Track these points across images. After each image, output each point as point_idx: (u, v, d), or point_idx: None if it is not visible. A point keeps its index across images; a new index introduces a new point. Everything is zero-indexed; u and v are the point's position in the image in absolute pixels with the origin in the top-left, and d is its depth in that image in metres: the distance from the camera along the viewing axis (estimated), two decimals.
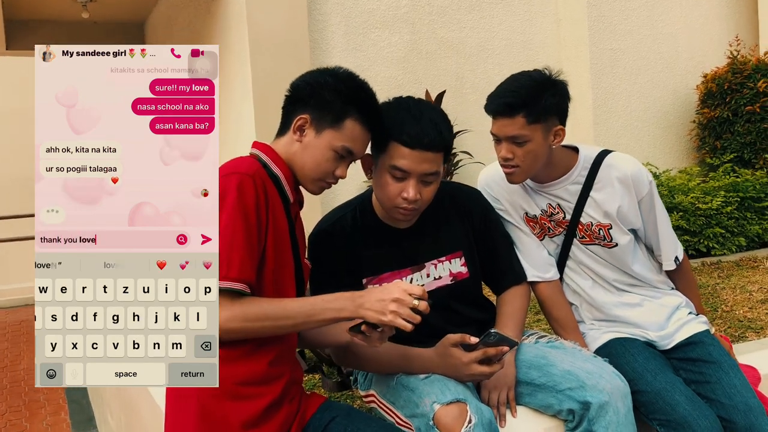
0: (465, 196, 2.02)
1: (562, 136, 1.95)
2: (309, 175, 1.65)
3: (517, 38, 5.28)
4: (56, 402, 5.29)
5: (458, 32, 5.06)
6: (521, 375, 1.87)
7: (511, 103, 1.86)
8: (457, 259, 1.94)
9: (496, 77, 5.12)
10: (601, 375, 1.76)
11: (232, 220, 1.45)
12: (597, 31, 5.31)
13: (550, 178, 2.03)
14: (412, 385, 1.71)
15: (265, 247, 1.54)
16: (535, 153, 1.91)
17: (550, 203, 2.06)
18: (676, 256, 2.10)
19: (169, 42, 6.56)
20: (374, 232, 1.90)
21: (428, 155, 1.72)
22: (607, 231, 2.03)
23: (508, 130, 1.89)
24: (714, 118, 5.42)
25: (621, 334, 2.04)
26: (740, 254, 4.63)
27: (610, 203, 2.01)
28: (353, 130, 1.63)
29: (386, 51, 4.77)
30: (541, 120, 1.88)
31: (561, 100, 1.93)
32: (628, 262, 2.06)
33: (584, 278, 2.10)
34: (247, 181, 1.48)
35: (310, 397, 1.69)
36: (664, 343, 2.02)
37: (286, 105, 1.69)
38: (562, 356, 1.85)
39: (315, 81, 1.64)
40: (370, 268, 1.89)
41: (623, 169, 2.01)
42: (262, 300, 1.50)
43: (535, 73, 1.92)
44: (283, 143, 1.66)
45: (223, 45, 4.83)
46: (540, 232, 2.10)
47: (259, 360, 1.53)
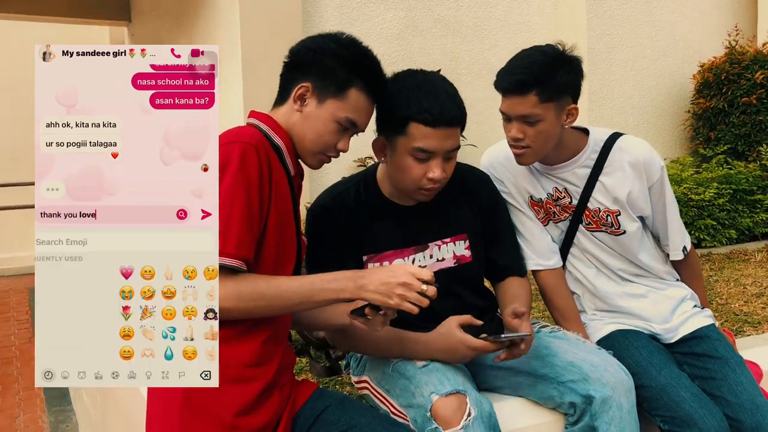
0: (474, 179, 1.93)
1: (575, 115, 1.85)
2: (309, 148, 1.55)
3: (514, 20, 5.18)
4: (30, 376, 5.17)
5: (455, 11, 4.94)
6: (521, 365, 1.79)
7: (524, 81, 1.76)
8: (461, 241, 1.86)
9: (492, 58, 5.10)
10: (605, 368, 1.69)
11: (231, 192, 1.35)
12: (595, 16, 5.22)
13: (558, 160, 1.94)
14: (409, 374, 1.63)
15: (267, 222, 1.44)
16: (547, 133, 1.82)
17: (557, 187, 1.97)
18: (684, 246, 2.02)
19: (155, 9, 6.37)
20: (378, 209, 1.81)
21: (451, 131, 1.65)
22: (615, 217, 1.95)
23: (519, 109, 1.79)
24: (709, 109, 5.37)
25: (624, 325, 1.96)
26: (730, 247, 4.61)
27: (620, 188, 1.92)
28: (358, 100, 1.53)
29: (380, 27, 4.65)
30: (554, 98, 1.78)
31: (575, 77, 1.83)
32: (634, 250, 1.97)
33: (588, 266, 2.02)
34: (250, 151, 1.38)
35: (301, 384, 1.59)
36: (669, 336, 1.95)
37: (284, 72, 1.57)
38: (565, 347, 1.77)
39: (317, 46, 1.53)
40: (372, 245, 1.80)
41: (635, 153, 1.92)
42: (258, 278, 1.40)
43: (549, 48, 1.82)
44: (282, 113, 1.55)
45: (212, 17, 4.68)
46: (544, 217, 2.01)
47: (253, 339, 1.43)
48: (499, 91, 1.83)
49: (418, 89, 1.64)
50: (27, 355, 5.59)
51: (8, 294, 7.67)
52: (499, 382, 1.84)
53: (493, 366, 1.83)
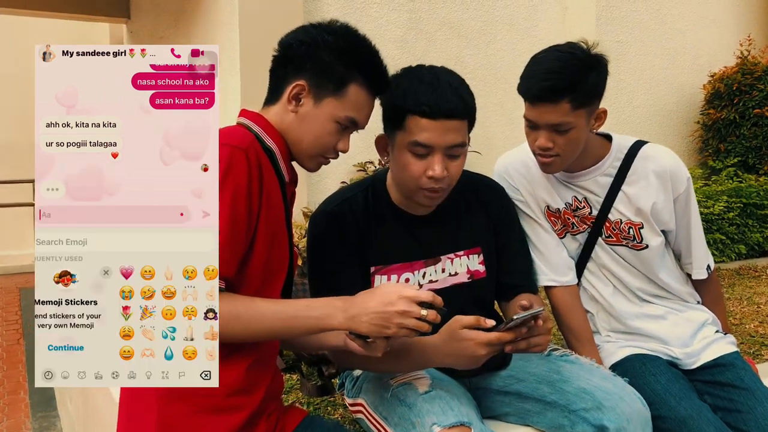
0: (488, 189, 1.80)
1: (603, 119, 1.73)
2: (307, 151, 1.41)
3: (521, 24, 5.06)
4: (16, 380, 5.04)
5: (460, 13, 4.81)
6: (529, 390, 1.66)
7: (556, 87, 1.62)
8: (475, 255, 1.73)
9: (497, 63, 4.97)
10: (621, 397, 1.55)
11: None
12: (604, 22, 5.10)
13: (579, 167, 1.80)
14: (409, 401, 1.49)
15: (256, 232, 1.30)
16: (577, 141, 1.69)
17: (576, 196, 1.83)
18: (708, 264, 1.88)
19: (155, 7, 6.26)
20: (387, 218, 1.68)
21: (452, 124, 1.50)
22: (638, 230, 1.81)
23: (550, 118, 1.65)
24: (719, 120, 5.24)
25: (640, 349, 1.82)
26: (739, 262, 4.49)
27: (644, 199, 1.79)
28: (358, 96, 1.39)
29: (384, 28, 4.52)
30: (586, 104, 1.65)
31: (604, 78, 1.70)
32: (655, 268, 1.84)
33: (605, 284, 1.88)
34: (238, 156, 1.25)
35: (289, 411, 1.45)
36: (689, 361, 1.81)
37: (275, 68, 1.43)
38: (577, 372, 1.64)
39: (310, 39, 1.38)
40: (380, 257, 1.66)
41: (661, 162, 1.79)
42: (237, 298, 1.25)
43: (577, 49, 1.68)
44: (275, 113, 1.41)
45: (211, 16, 4.57)
46: (561, 229, 1.87)
47: (236, 365, 1.28)
48: (526, 98, 1.69)
49: (419, 81, 1.52)
50: (14, 357, 5.46)
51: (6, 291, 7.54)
52: (505, 408, 1.70)
53: (500, 391, 1.70)
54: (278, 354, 1.77)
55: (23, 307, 6.89)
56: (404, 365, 1.54)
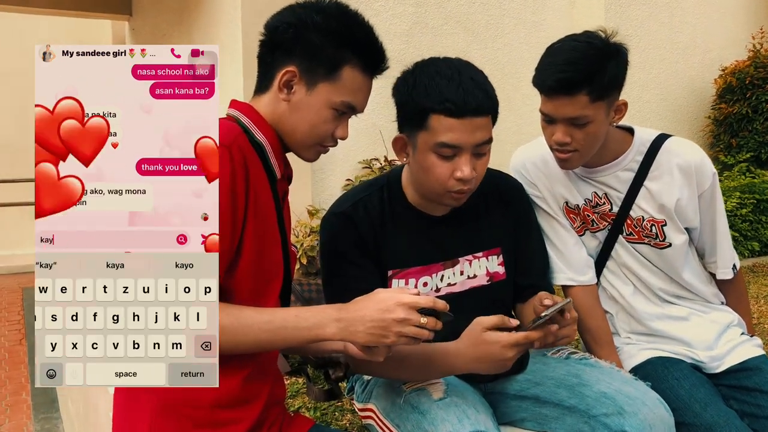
0: (508, 186, 1.72)
1: (623, 111, 1.64)
2: (303, 141, 1.32)
3: (529, 18, 4.98)
4: (18, 381, 5.00)
5: (467, 7, 4.74)
6: (548, 394, 1.59)
7: (572, 79, 1.54)
8: (494, 256, 1.66)
9: (505, 57, 4.89)
10: (643, 401, 1.48)
11: None
12: (613, 15, 5.02)
13: (599, 161, 1.72)
14: (423, 407, 1.41)
15: (242, 237, 1.21)
16: (595, 134, 1.61)
17: (596, 192, 1.75)
18: (734, 264, 1.80)
19: (157, 4, 6.21)
20: (404, 219, 1.60)
21: (479, 121, 1.42)
22: (661, 228, 1.73)
23: (567, 111, 1.57)
24: (731, 114, 5.15)
25: (662, 352, 1.74)
26: (753, 260, 4.41)
27: (668, 195, 1.71)
28: (353, 79, 1.30)
29: (389, 23, 4.45)
30: (605, 96, 1.57)
31: (624, 69, 1.61)
32: (678, 267, 1.76)
33: (625, 283, 1.80)
34: (221, 155, 1.15)
35: (294, 420, 1.38)
36: (714, 365, 1.73)
37: (262, 53, 1.33)
38: (597, 376, 1.56)
39: (298, 21, 1.28)
40: (397, 259, 1.58)
41: (686, 156, 1.71)
42: (222, 308, 1.16)
43: (594, 38, 1.59)
44: (266, 103, 1.32)
45: (213, 13, 4.51)
46: (581, 226, 1.79)
47: (231, 376, 1.21)
48: (541, 91, 1.61)
49: (438, 76, 1.43)
50: (17, 357, 5.41)
51: (0, 293, 7.50)
52: (522, 414, 1.63)
53: (516, 396, 1.64)
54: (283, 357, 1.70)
55: (26, 307, 6.85)
56: (427, 374, 1.47)
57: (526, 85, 5.49)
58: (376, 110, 4.32)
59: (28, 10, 7.52)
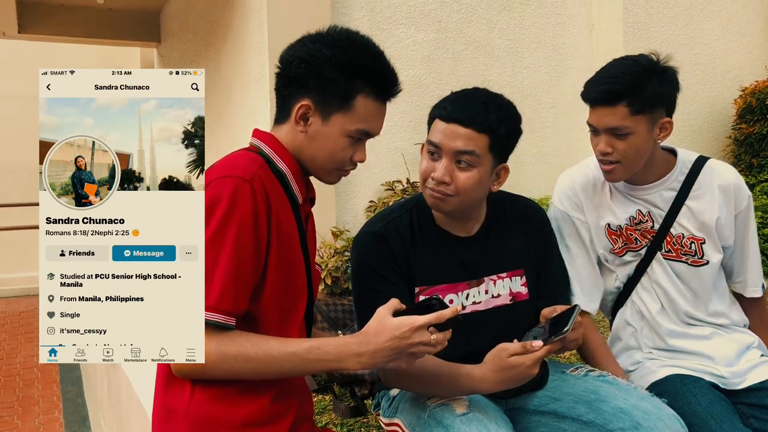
0: (530, 210, 1.82)
1: (669, 129, 1.73)
2: (323, 167, 1.41)
3: (548, 42, 5.05)
4: (50, 399, 5.11)
5: (487, 32, 4.82)
6: (566, 410, 1.65)
7: (613, 90, 1.66)
8: (518, 277, 1.74)
9: (525, 80, 4.97)
10: (659, 417, 1.53)
11: (219, 236, 1.22)
12: (632, 38, 5.07)
13: (646, 180, 1.81)
14: (447, 422, 1.48)
15: (266, 265, 1.29)
16: (637, 147, 1.70)
17: (640, 210, 1.83)
18: (763, 283, 1.87)
19: (184, 31, 6.37)
20: (432, 239, 1.70)
21: (462, 130, 1.55)
22: (700, 246, 1.81)
23: (608, 121, 1.69)
24: (752, 134, 5.16)
25: (683, 369, 1.80)
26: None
27: (709, 213, 1.79)
28: (366, 107, 1.37)
29: (411, 48, 4.55)
30: (645, 110, 1.67)
31: (669, 89, 1.72)
32: (709, 287, 1.84)
33: (654, 300, 1.87)
34: (243, 188, 1.24)
35: None
36: (735, 381, 1.77)
37: (279, 86, 1.41)
38: (614, 392, 1.62)
39: (309, 56, 1.34)
40: (425, 277, 1.67)
41: (726, 177, 1.81)
42: (247, 338, 1.24)
43: (642, 57, 1.71)
44: (286, 132, 1.40)
45: (240, 36, 4.63)
46: (622, 247, 1.87)
47: (259, 396, 1.29)
48: (587, 102, 1.74)
49: (455, 94, 1.62)
50: (49, 377, 5.54)
51: (33, 314, 7.67)
52: (541, 429, 1.69)
53: (536, 411, 1.69)
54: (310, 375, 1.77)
55: None
56: (454, 393, 1.56)
57: (546, 108, 5.56)
58: (399, 133, 4.40)
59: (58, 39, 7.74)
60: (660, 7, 5.20)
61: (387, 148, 4.35)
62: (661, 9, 5.20)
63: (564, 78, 5.08)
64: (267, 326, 1.31)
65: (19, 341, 6.62)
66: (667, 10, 5.24)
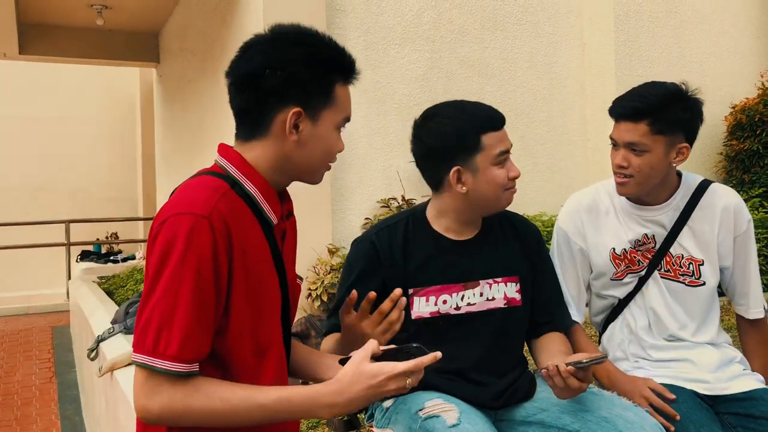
0: (524, 225, 1.91)
1: (686, 154, 1.80)
2: (317, 168, 1.36)
3: (541, 61, 5.13)
4: (48, 418, 5.12)
5: (480, 52, 4.91)
6: (553, 420, 1.69)
7: (638, 108, 1.75)
8: (513, 283, 1.81)
9: (518, 99, 5.04)
10: (642, 426, 1.58)
11: (177, 279, 1.16)
12: (623, 57, 5.15)
13: (657, 200, 1.88)
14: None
15: (230, 302, 1.24)
16: (652, 166, 1.78)
17: (647, 233, 1.89)
18: (765, 305, 1.92)
19: (183, 51, 6.45)
20: (426, 242, 1.78)
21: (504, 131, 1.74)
22: (698, 267, 1.87)
23: (627, 136, 1.78)
24: (742, 151, 5.23)
25: (666, 379, 1.84)
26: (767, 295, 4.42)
27: (710, 235, 1.86)
28: (344, 95, 1.35)
29: (405, 68, 4.62)
30: (666, 132, 1.75)
31: (692, 117, 1.79)
32: (703, 309, 1.89)
33: (642, 318, 1.92)
34: (200, 227, 1.17)
35: None
36: (719, 386, 1.81)
37: (250, 104, 1.30)
38: (599, 403, 1.67)
39: (282, 62, 1.26)
40: (419, 278, 1.75)
41: (728, 200, 1.87)
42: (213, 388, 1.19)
43: (671, 84, 1.80)
44: (264, 148, 1.30)
45: None
46: (623, 270, 1.92)
47: None
48: (613, 117, 1.83)
49: (467, 106, 1.74)
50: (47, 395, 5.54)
51: (31, 332, 7.68)
52: None
53: (523, 422, 1.73)
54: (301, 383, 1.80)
55: (56, 345, 7.01)
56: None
57: (539, 126, 5.63)
58: (394, 151, 4.47)
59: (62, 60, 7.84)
60: (651, 26, 5.29)
61: (382, 166, 4.41)
62: (652, 28, 5.29)
63: (556, 96, 5.16)
64: (240, 360, 1.27)
65: (18, 360, 6.63)
66: (658, 29, 5.33)
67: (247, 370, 1.28)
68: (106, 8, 6.45)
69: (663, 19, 5.36)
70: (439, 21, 4.77)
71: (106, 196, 10.63)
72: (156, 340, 1.16)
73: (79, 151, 10.54)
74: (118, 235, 9.65)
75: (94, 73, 10.05)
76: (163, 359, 1.16)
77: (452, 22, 4.81)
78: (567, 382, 1.54)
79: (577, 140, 5.23)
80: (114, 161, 10.71)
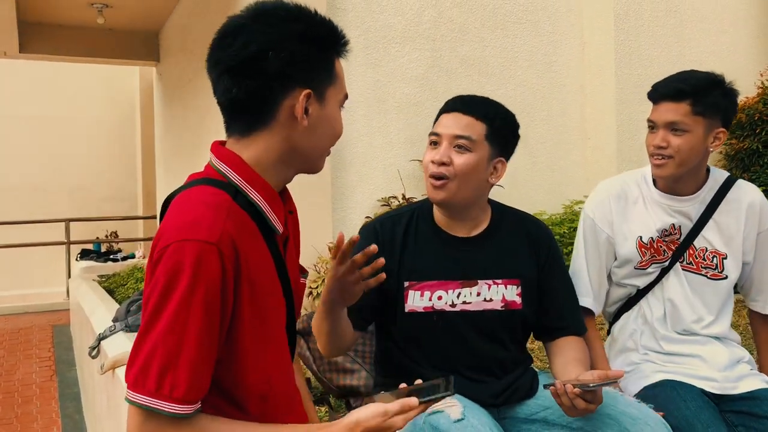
0: (535, 226, 1.88)
1: (722, 140, 1.84)
2: (324, 151, 1.28)
3: (541, 59, 5.14)
4: (49, 416, 5.12)
5: (480, 51, 4.91)
6: (556, 417, 1.70)
7: (681, 89, 1.79)
8: (513, 286, 1.78)
9: (518, 98, 5.05)
10: (646, 422, 1.59)
11: (183, 315, 1.06)
12: (623, 56, 5.16)
13: (685, 191, 1.89)
14: (443, 428, 1.53)
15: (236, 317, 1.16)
16: (690, 146, 1.80)
17: (674, 223, 1.90)
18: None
19: (183, 50, 6.45)
20: (427, 236, 1.78)
21: (462, 117, 1.70)
22: (721, 261, 1.89)
23: (669, 115, 1.80)
24: (742, 150, 5.24)
25: (675, 376, 1.86)
26: None
27: (735, 229, 1.88)
28: (341, 70, 1.27)
29: (405, 67, 4.63)
30: (706, 114, 1.78)
31: (730, 103, 1.84)
32: (720, 303, 1.91)
33: (659, 308, 1.94)
34: (209, 256, 1.07)
35: None
36: (728, 386, 1.83)
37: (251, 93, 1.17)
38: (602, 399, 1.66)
39: (284, 43, 1.15)
40: (416, 272, 1.75)
41: (754, 195, 1.90)
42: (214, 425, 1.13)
43: (712, 73, 1.85)
44: (268, 140, 1.20)
45: None
46: (648, 260, 1.93)
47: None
48: (653, 99, 1.87)
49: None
50: (47, 393, 5.55)
51: (31, 331, 7.68)
52: None
53: (527, 419, 1.74)
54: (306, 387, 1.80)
55: (56, 343, 7.01)
56: None
57: (540, 124, 5.64)
58: (394, 150, 4.47)
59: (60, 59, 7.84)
60: (651, 25, 5.29)
61: (383, 165, 4.42)
62: (652, 27, 5.30)
63: (556, 94, 5.17)
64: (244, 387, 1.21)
65: (18, 358, 6.63)
66: (658, 28, 5.33)
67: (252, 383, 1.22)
68: (106, 7, 6.44)
69: (663, 18, 5.36)
70: (439, 20, 4.77)
71: (105, 194, 10.63)
72: (160, 380, 1.06)
73: (79, 149, 10.54)
74: (117, 233, 9.66)
75: (93, 72, 10.05)
76: (168, 402, 1.06)
77: (452, 20, 4.81)
78: (573, 403, 1.53)
79: (577, 139, 5.24)
80: (114, 160, 10.71)
